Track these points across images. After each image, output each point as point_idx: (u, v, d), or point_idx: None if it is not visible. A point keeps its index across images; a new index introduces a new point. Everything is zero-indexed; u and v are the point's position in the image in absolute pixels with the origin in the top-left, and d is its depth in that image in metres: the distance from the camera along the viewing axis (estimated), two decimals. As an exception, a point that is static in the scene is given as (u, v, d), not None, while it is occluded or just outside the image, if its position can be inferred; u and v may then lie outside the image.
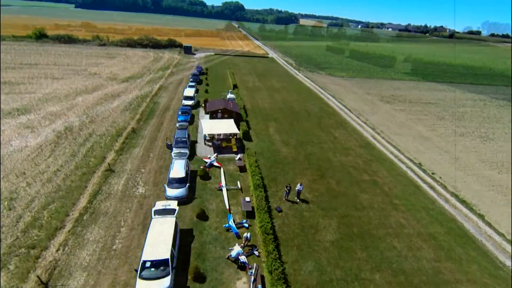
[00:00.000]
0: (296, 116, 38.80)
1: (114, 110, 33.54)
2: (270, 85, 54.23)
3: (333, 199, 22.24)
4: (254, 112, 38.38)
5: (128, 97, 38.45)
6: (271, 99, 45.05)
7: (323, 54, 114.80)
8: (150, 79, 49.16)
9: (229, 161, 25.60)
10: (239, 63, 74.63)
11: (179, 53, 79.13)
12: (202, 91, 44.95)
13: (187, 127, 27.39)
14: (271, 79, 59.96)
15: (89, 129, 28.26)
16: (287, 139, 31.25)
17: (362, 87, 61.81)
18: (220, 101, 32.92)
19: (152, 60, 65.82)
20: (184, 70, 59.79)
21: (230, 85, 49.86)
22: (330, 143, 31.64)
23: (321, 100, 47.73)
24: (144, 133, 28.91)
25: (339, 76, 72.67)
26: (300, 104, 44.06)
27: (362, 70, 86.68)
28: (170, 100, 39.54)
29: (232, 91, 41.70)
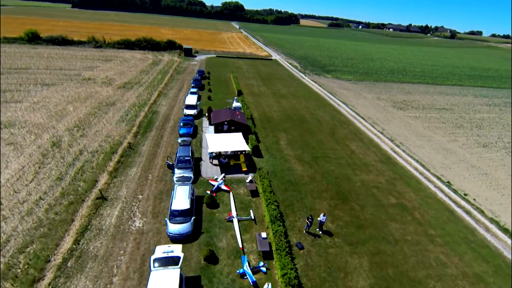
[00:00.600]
0: (307, 126, 35.83)
1: (108, 121, 30.43)
2: (276, 90, 51.25)
3: (359, 230, 19.29)
4: (262, 122, 35.37)
5: (125, 106, 35.34)
6: (279, 106, 42.06)
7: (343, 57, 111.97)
8: (148, 85, 46.05)
9: (238, 183, 22.61)
10: (242, 66, 71.59)
11: (179, 55, 75.98)
12: (205, 98, 41.92)
13: (190, 143, 24.37)
14: (276, 83, 56.98)
15: (79, 145, 25.17)
16: (301, 154, 28.29)
17: (372, 91, 58.98)
18: (226, 111, 29.91)
19: (150, 63, 62.67)
20: (184, 74, 56.71)
21: (234, 91, 46.86)
22: (348, 158, 28.70)
23: (331, 107, 44.78)
24: (142, 149, 25.86)
25: (346, 79, 69.83)
26: (310, 112, 41.08)
27: (369, 72, 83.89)
28: (171, 109, 36.46)
29: (238, 99, 38.66)
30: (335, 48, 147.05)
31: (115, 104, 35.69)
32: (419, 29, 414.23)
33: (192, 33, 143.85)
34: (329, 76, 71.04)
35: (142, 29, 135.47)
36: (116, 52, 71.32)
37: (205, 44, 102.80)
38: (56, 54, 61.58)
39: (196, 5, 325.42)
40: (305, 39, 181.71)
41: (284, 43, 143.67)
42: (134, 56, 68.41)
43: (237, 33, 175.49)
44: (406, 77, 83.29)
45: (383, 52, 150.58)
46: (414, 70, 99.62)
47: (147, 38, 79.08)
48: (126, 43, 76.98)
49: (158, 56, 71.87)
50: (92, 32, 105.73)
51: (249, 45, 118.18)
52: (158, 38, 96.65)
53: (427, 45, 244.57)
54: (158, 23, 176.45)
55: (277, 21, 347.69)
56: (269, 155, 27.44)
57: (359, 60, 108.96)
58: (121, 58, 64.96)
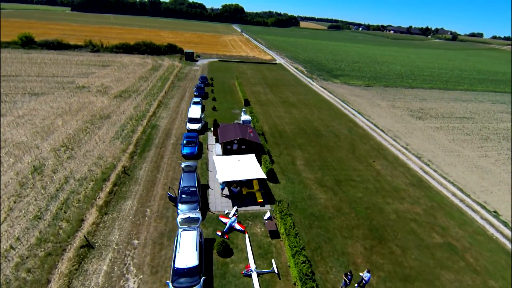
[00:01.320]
0: (324, 141, 32.22)
1: (101, 139, 26.84)
2: (285, 98, 47.67)
3: (406, 284, 15.56)
4: (274, 137, 31.78)
5: (121, 119, 31.76)
6: (290, 117, 38.49)
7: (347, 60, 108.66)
8: (147, 93, 42.52)
9: (254, 218, 18.98)
10: (246, 71, 68.16)
11: (180, 60, 72.56)
12: (209, 108, 38.35)
13: (195, 168, 20.77)
14: (284, 90, 53.47)
15: (65, 170, 21.55)
16: (321, 177, 24.69)
17: (385, 98, 55.51)
18: (235, 126, 26.35)
19: (150, 69, 59.21)
20: (186, 81, 53.22)
21: (240, 99, 43.31)
22: (375, 181, 25.11)
23: (346, 118, 41.23)
24: (139, 175, 22.22)
25: (356, 84, 66.41)
26: (324, 124, 37.51)
27: (377, 77, 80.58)
28: (172, 122, 32.86)
29: (246, 110, 35.06)
30: (338, 51, 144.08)
31: (110, 116, 32.08)
32: (420, 31, 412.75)
33: (193, 36, 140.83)
34: (338, 82, 67.63)
35: (142, 32, 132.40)
36: (114, 56, 67.89)
37: (206, 48, 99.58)
38: (50, 60, 58.11)
39: (196, 7, 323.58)
40: (307, 41, 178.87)
41: (287, 46, 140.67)
42: (132, 61, 64.99)
43: (238, 35, 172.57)
44: (416, 81, 80.00)
45: (388, 55, 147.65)
46: (422, 74, 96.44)
47: (146, 42, 75.73)
48: (125, 47, 73.58)
49: (158, 61, 68.45)
50: (90, 35, 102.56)
51: (251, 48, 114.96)
52: (158, 41, 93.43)
53: (429, 47, 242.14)
54: (158, 26, 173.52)
55: (277, 23, 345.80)
56: (286, 179, 23.83)
57: (365, 64, 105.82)
58: (119, 63, 61.51)
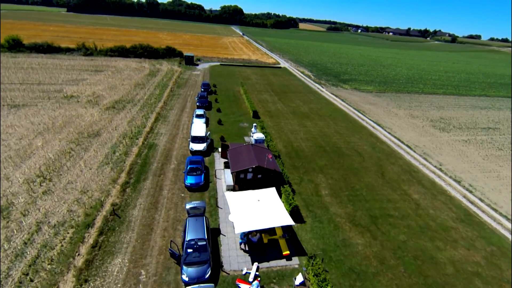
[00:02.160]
0: (347, 161, 28.01)
1: (87, 164, 22.48)
2: (295, 108, 43.53)
3: None
4: (291, 157, 27.59)
5: (112, 137, 27.38)
6: (305, 132, 34.27)
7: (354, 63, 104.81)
8: (144, 103, 38.16)
9: (280, 279, 14.69)
10: (250, 76, 63.97)
11: (179, 64, 68.20)
12: (214, 121, 34.06)
13: (204, 211, 16.49)
14: (293, 98, 49.32)
15: (39, 212, 17.17)
16: (353, 213, 20.50)
17: (401, 106, 51.57)
18: (248, 149, 22.12)
19: (147, 74, 54.82)
20: (187, 88, 48.89)
21: (247, 110, 39.07)
22: (416, 217, 20.96)
23: (366, 131, 37.14)
24: (132, 216, 17.88)
25: (367, 90, 62.50)
26: (344, 139, 33.37)
27: (386, 81, 76.83)
28: (172, 140, 28.53)
29: (257, 125, 30.78)
30: (341, 53, 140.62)
31: (99, 134, 27.67)
32: (419, 33, 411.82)
33: (192, 38, 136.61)
34: (347, 87, 63.69)
35: (139, 34, 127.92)
36: (108, 60, 63.39)
37: (206, 51, 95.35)
38: (38, 64, 53.52)
39: (194, 9, 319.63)
40: (308, 43, 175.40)
41: (289, 48, 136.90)
42: (128, 66, 60.54)
43: (238, 37, 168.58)
44: (427, 86, 76.43)
45: (391, 58, 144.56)
46: (430, 77, 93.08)
47: (143, 45, 71.26)
48: (120, 50, 69.05)
49: (156, 65, 64.07)
50: (84, 37, 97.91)
51: (253, 51, 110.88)
52: (156, 44, 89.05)
53: (429, 49, 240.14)
54: (156, 28, 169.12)
55: (276, 25, 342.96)
56: (312, 216, 19.61)
57: (371, 67, 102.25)
58: (114, 68, 57.04)
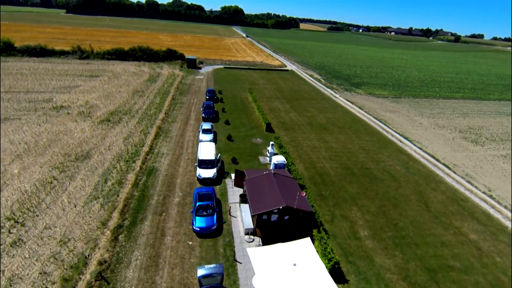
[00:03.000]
0: (381, 187, 23.66)
1: (72, 199, 18.31)
2: (311, 118, 39.21)
3: None
4: (316, 184, 23.36)
5: (105, 160, 23.22)
6: (327, 149, 29.96)
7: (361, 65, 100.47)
8: (143, 114, 33.99)
9: None
10: (258, 80, 59.74)
11: (181, 67, 64.03)
12: (223, 136, 29.79)
13: (222, 279, 12.26)
14: (307, 106, 45.03)
15: (3, 276, 13.05)
16: (404, 265, 16.11)
17: (423, 114, 47.29)
18: (270, 180, 17.91)
19: (146, 80, 50.64)
20: (190, 95, 44.69)
21: (258, 122, 34.81)
22: (483, 269, 16.61)
23: (394, 146, 32.87)
24: (125, 279, 13.42)
25: (382, 95, 58.26)
26: (372, 157, 29.08)
27: (400, 85, 72.59)
28: (175, 162, 24.31)
29: (274, 144, 26.51)
30: (346, 54, 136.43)
31: (90, 156, 23.49)
32: (421, 33, 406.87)
33: (193, 39, 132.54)
34: (361, 92, 59.45)
35: (139, 35, 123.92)
36: (105, 64, 59.26)
37: (209, 53, 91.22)
38: (28, 69, 49.39)
39: (195, 9, 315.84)
40: (312, 44, 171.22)
41: (293, 49, 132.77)
42: (126, 70, 56.38)
43: (240, 38, 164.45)
44: (443, 90, 72.21)
45: (398, 58, 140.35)
46: (443, 80, 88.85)
47: (142, 47, 67.08)
48: (118, 53, 64.87)
49: (156, 69, 59.92)
50: (82, 39, 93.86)
51: (257, 52, 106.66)
52: (156, 46, 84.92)
53: (434, 49, 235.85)
54: (156, 29, 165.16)
55: (277, 25, 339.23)
56: (355, 272, 15.35)
57: (380, 69, 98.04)
58: (111, 72, 52.87)
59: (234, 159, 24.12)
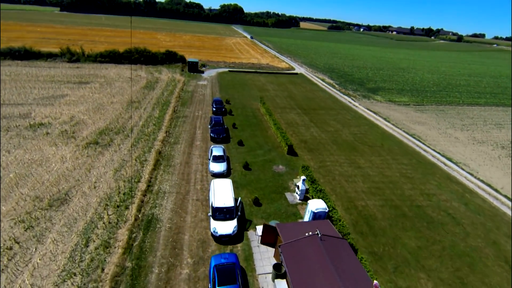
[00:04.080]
0: (446, 237, 17.99)
1: (35, 282, 13.00)
2: (335, 134, 33.79)
3: None
4: (362, 233, 17.97)
5: (87, 206, 17.79)
6: (364, 178, 24.41)
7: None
8: (139, 133, 28.51)
9: None
10: (267, 86, 54.31)
11: (182, 71, 58.41)
12: (237, 162, 24.17)
13: None
14: (326, 117, 39.64)
15: None
16: None
17: (455, 126, 42.21)
18: (317, 249, 12.56)
19: (143, 87, 45.07)
20: (193, 105, 39.23)
21: (275, 141, 29.38)
22: None
23: (439, 171, 27.59)
24: None
25: (403, 103, 53.14)
26: (419, 189, 23.76)
27: (417, 89, 67.58)
28: (181, 207, 18.74)
29: (307, 181, 20.94)
30: (353, 54, 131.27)
31: (68, 200, 18.03)
32: (423, 32, 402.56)
33: (193, 38, 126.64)
34: (380, 99, 54.29)
35: (136, 35, 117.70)
36: (97, 68, 53.48)
37: (210, 54, 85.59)
38: (9, 75, 43.58)
39: (193, 7, 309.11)
40: (316, 44, 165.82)
41: (297, 49, 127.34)
42: (121, 74, 50.69)
43: (242, 38, 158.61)
44: (463, 95, 67.27)
45: (405, 59, 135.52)
46: (458, 83, 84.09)
47: (139, 49, 61.29)
48: (112, 55, 59.04)
49: (155, 74, 54.28)
50: (74, 39, 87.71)
51: (261, 53, 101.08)
52: (154, 46, 79.15)
53: (438, 49, 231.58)
54: (154, 28, 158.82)
55: (277, 24, 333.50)
56: None
57: (391, 71, 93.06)
58: (103, 78, 47.19)
59: (256, 200, 18.81)
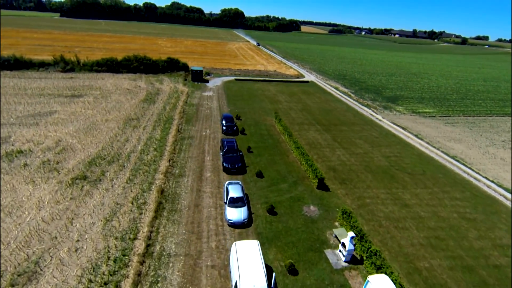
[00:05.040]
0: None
1: None
2: (366, 158, 28.49)
3: None
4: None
5: (64, 281, 13.06)
6: (417, 223, 19.20)
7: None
8: (137, 162, 23.71)
9: None
10: (278, 96, 49.69)
11: (185, 81, 53.94)
12: (258, 204, 19.17)
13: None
14: (351, 135, 34.60)
15: None
16: None
17: (494, 142, 37.26)
18: None
19: (143, 100, 40.53)
20: (200, 122, 34.50)
21: (300, 169, 24.48)
22: None
23: (506, 211, 22.79)
24: None
25: (428, 114, 48.32)
26: (490, 239, 18.31)
27: (437, 98, 62.82)
28: (191, 279, 13.49)
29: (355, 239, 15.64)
30: (360, 59, 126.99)
31: (37, 274, 13.07)
32: (426, 35, 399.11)
33: (194, 44, 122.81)
34: (402, 110, 49.54)
35: (136, 41, 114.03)
36: (93, 78, 49.02)
37: (214, 60, 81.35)
38: (-6, 88, 39.34)
39: (194, 12, 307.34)
40: (320, 48, 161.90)
41: (303, 54, 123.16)
42: (119, 85, 46.22)
43: (244, 42, 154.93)
44: (487, 103, 62.43)
45: (414, 63, 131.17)
46: (477, 89, 79.35)
47: (139, 57, 56.89)
48: (110, 63, 54.70)
49: (155, 84, 49.83)
50: (71, 45, 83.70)
51: (266, 59, 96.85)
52: (155, 52, 75.03)
53: (444, 52, 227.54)
54: (154, 33, 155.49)
55: (278, 28, 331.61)
56: None
57: (403, 76, 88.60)
58: (98, 90, 42.65)
59: (291, 267, 13.98)
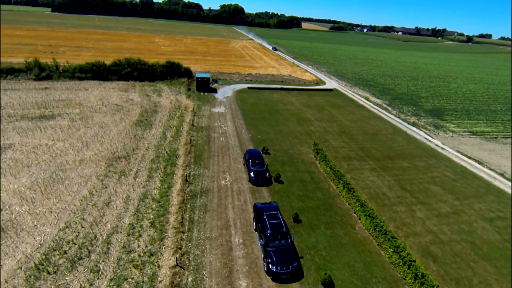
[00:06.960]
0: None
1: None
2: (459, 221, 18.86)
3: None
4: None
5: None
6: None
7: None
8: (120, 259, 14.46)
9: None
10: (304, 112, 40.03)
11: (189, 91, 44.20)
12: None
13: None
14: (418, 177, 24.80)
15: None
16: None
17: None
18: None
19: (136, 122, 30.99)
20: (214, 160, 24.86)
21: (377, 252, 15.20)
22: None
23: None
24: None
25: (486, 134, 39.43)
26: None
27: (482, 109, 54.04)
28: None
29: None
30: (372, 59, 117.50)
31: None
32: (429, 32, 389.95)
33: (195, 42, 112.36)
34: (455, 129, 40.45)
35: (130, 38, 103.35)
36: (73, 89, 39.11)
37: (219, 62, 71.49)
38: None
39: (192, 8, 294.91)
40: (329, 47, 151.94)
41: (313, 54, 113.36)
42: (105, 100, 36.48)
43: (248, 40, 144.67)
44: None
45: (430, 64, 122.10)
46: (508, 95, 70.83)
47: (132, 61, 46.82)
48: (96, 69, 44.74)
49: (152, 96, 40.19)
50: (57, 44, 73.17)
51: (276, 60, 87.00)
52: (151, 54, 65.09)
53: (453, 51, 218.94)
54: (151, 29, 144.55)
55: (279, 24, 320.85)
56: None
57: (428, 80, 79.51)
58: (78, 107, 32.89)
59: None
